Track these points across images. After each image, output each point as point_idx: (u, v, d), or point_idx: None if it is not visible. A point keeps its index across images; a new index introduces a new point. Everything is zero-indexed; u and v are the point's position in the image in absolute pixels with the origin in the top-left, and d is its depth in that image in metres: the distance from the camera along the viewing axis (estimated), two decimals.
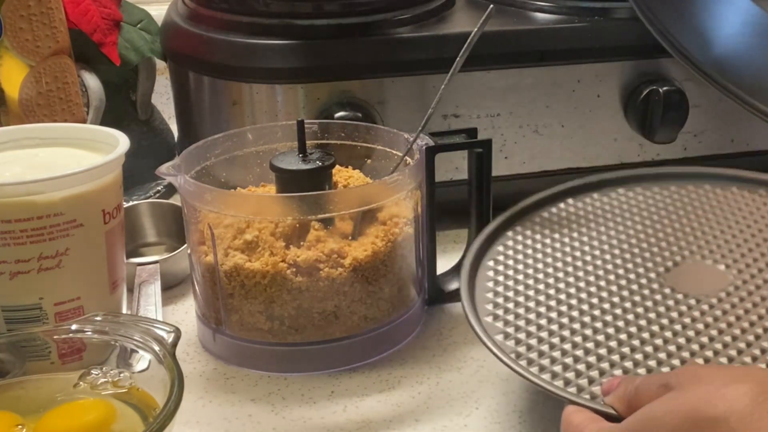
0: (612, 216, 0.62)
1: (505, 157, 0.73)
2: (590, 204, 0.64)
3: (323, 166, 0.57)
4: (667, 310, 0.52)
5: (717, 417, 0.35)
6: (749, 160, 0.78)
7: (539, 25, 0.73)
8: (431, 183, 0.60)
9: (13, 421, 0.44)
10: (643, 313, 0.52)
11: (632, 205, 0.63)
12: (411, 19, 0.72)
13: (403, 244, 0.57)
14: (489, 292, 0.55)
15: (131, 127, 0.81)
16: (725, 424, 0.35)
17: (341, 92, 0.69)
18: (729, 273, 0.55)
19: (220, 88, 0.71)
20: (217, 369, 0.57)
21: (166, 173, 0.56)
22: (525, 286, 0.56)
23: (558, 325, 0.52)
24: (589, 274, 0.56)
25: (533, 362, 0.49)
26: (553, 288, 0.55)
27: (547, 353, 0.49)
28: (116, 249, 0.56)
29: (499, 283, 0.56)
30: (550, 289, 0.55)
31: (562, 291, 0.55)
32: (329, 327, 0.55)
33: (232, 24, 0.71)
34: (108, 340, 0.49)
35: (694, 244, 0.58)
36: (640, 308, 0.52)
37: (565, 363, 0.48)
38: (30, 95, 0.66)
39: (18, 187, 0.50)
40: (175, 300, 0.65)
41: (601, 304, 0.53)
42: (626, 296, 0.54)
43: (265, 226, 0.55)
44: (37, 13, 0.65)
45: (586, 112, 0.73)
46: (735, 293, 0.53)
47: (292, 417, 0.52)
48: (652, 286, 0.54)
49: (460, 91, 0.70)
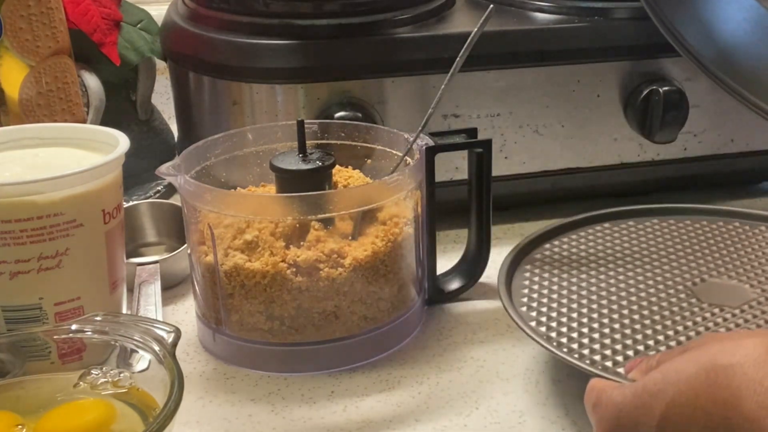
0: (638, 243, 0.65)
1: (505, 157, 0.73)
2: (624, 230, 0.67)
3: (323, 166, 0.57)
4: (692, 315, 0.55)
5: (733, 364, 0.36)
6: (749, 160, 0.78)
7: (539, 25, 0.73)
8: (431, 183, 0.60)
9: (13, 421, 0.44)
10: (669, 315, 0.55)
11: (657, 235, 0.66)
12: (411, 19, 0.72)
13: (403, 244, 0.57)
14: (524, 289, 0.59)
15: (131, 127, 0.81)
16: (740, 369, 0.36)
17: (341, 92, 0.69)
18: (752, 290, 0.58)
19: (220, 88, 0.71)
20: (217, 369, 0.57)
21: (166, 173, 0.56)
22: (559, 288, 0.59)
23: (588, 319, 0.55)
24: (619, 284, 0.59)
25: (563, 345, 0.52)
26: (585, 290, 0.59)
27: (576, 339, 0.53)
28: (116, 249, 0.56)
29: (534, 283, 0.59)
30: (582, 292, 0.58)
31: (594, 293, 0.58)
32: (329, 327, 0.55)
33: (232, 24, 0.71)
34: (108, 340, 0.49)
35: (722, 266, 0.61)
36: (666, 312, 0.55)
37: (593, 348, 0.52)
38: (30, 95, 0.66)
39: (18, 187, 0.50)
40: (175, 300, 0.65)
41: (629, 305, 0.56)
42: (654, 301, 0.57)
43: (265, 226, 0.55)
44: (37, 13, 0.65)
45: (586, 112, 0.73)
46: (758, 306, 0.56)
47: (292, 417, 0.52)
48: (679, 296, 0.57)
49: (460, 91, 0.70)
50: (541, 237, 0.65)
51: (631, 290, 0.58)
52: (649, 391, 0.39)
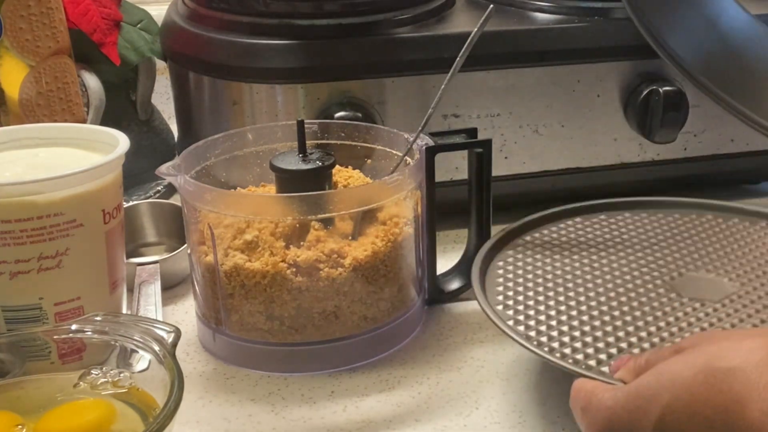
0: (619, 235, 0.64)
1: (505, 157, 0.73)
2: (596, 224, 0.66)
3: (323, 166, 0.57)
4: (674, 310, 0.54)
5: (733, 368, 0.35)
6: (749, 160, 0.78)
7: (539, 25, 0.73)
8: (431, 183, 0.60)
9: (13, 421, 0.44)
10: (650, 311, 0.53)
11: (638, 227, 0.65)
12: (411, 19, 0.72)
13: (403, 244, 0.57)
14: (499, 287, 0.57)
15: (131, 127, 0.81)
16: (741, 374, 0.34)
17: (341, 92, 0.69)
18: (731, 284, 0.57)
19: (220, 88, 0.71)
20: (217, 369, 0.57)
21: (166, 173, 0.56)
22: (534, 284, 0.57)
23: (567, 317, 0.53)
24: (596, 278, 0.58)
25: (543, 344, 0.51)
26: (562, 287, 0.57)
27: (557, 338, 0.51)
28: (116, 249, 0.56)
29: (509, 280, 0.58)
30: (559, 287, 0.57)
31: (570, 290, 0.57)
32: (329, 327, 0.55)
33: (232, 24, 0.71)
34: (108, 340, 0.49)
35: (698, 260, 0.60)
36: (647, 307, 0.54)
37: (574, 346, 0.50)
38: (30, 95, 0.66)
39: (18, 187, 0.50)
40: (175, 300, 0.65)
41: (608, 302, 0.55)
42: (633, 297, 0.55)
43: (265, 226, 0.55)
44: (37, 13, 0.65)
45: (586, 112, 0.73)
46: (738, 300, 0.55)
47: (292, 417, 0.52)
48: (658, 290, 0.56)
49: (460, 91, 0.70)
50: (512, 232, 0.63)
51: (609, 285, 0.57)
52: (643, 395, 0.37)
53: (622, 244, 0.62)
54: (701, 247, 0.62)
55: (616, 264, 0.60)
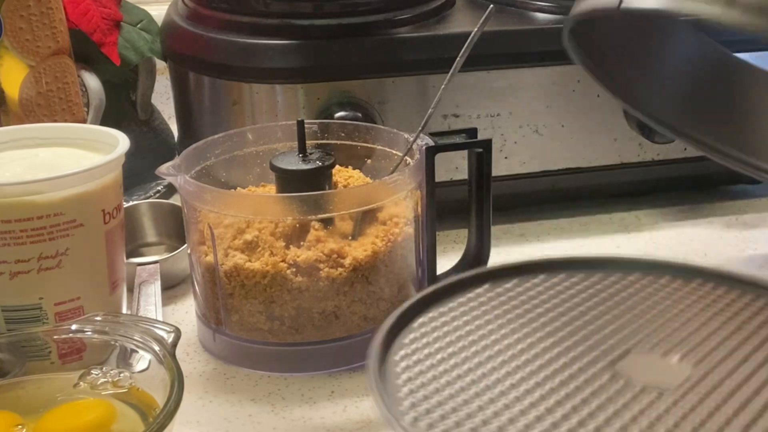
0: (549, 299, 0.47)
1: (505, 157, 0.73)
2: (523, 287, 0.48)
3: (323, 166, 0.57)
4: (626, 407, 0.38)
5: None
6: None
7: (539, 25, 0.73)
8: (431, 183, 0.60)
9: (13, 421, 0.44)
10: (598, 405, 0.38)
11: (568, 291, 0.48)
12: (411, 19, 0.72)
13: (403, 244, 0.57)
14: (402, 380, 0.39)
15: (131, 127, 0.81)
16: None
17: (341, 92, 0.69)
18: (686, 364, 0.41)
19: (220, 88, 0.71)
20: (217, 369, 0.57)
21: (166, 173, 0.56)
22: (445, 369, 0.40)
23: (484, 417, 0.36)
24: (522, 355, 0.41)
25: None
26: (478, 372, 0.40)
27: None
28: (116, 249, 0.56)
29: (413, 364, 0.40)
30: (474, 373, 0.40)
31: (488, 376, 0.39)
32: (329, 327, 0.55)
33: (232, 24, 0.71)
34: (108, 340, 0.49)
35: (647, 336, 0.43)
36: (594, 402, 0.38)
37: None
38: (30, 95, 0.66)
39: (18, 187, 0.50)
40: (175, 300, 0.65)
41: (545, 398, 0.38)
42: (575, 389, 0.39)
43: (265, 226, 0.55)
44: (37, 13, 0.65)
45: (586, 112, 0.73)
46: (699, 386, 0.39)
47: (292, 417, 0.52)
48: (597, 372, 0.40)
49: (460, 91, 0.70)
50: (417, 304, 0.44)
51: (542, 374, 0.39)
52: None
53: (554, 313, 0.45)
54: (650, 318, 0.45)
55: (549, 344, 0.42)
